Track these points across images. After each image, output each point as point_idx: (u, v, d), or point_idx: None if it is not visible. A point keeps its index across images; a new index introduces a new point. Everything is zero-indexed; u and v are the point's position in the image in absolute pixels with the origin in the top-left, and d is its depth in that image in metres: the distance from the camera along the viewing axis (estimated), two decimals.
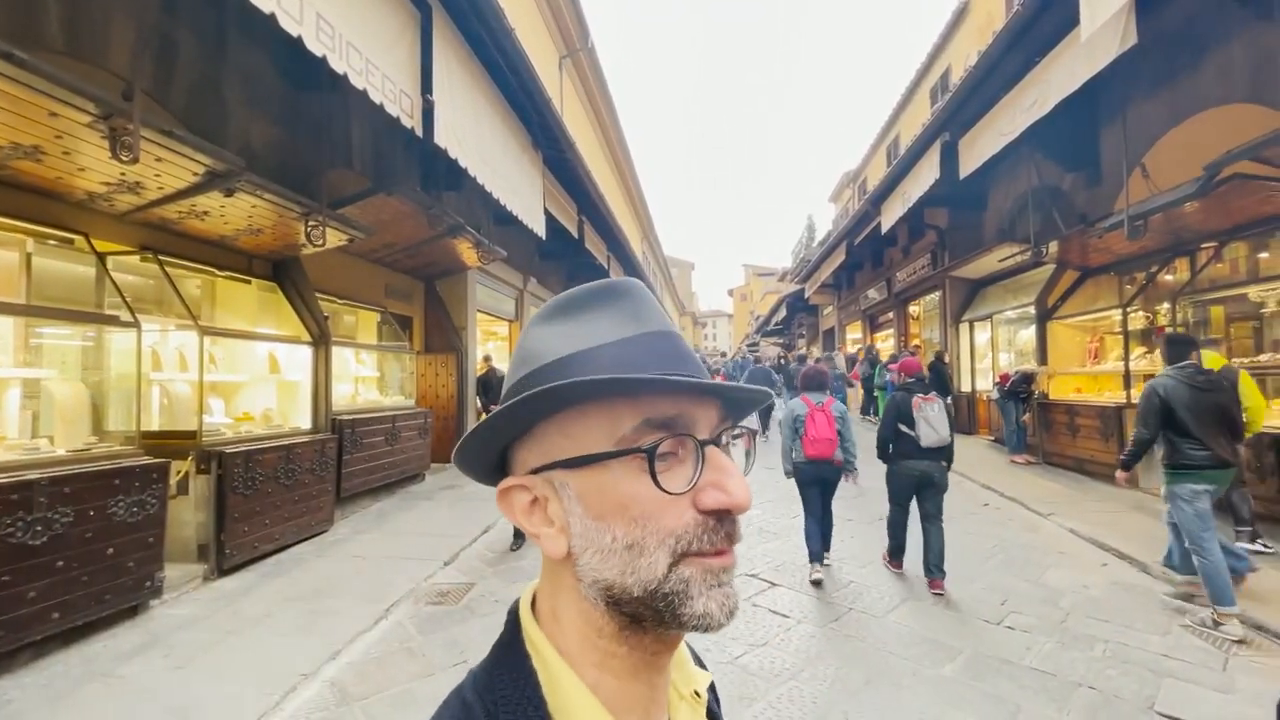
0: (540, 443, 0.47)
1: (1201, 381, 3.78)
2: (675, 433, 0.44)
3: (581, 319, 0.48)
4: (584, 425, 0.44)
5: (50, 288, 3.96)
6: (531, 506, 0.47)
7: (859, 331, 19.10)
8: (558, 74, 15.36)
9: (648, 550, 0.42)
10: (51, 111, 2.89)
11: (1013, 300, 9.82)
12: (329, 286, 6.74)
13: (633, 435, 0.43)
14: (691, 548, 0.43)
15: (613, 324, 0.48)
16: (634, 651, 0.45)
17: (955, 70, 13.43)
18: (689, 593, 0.42)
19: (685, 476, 0.43)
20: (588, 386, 0.42)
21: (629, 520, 0.43)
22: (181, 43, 4.51)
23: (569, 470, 0.45)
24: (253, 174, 4.05)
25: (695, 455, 0.44)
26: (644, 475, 0.42)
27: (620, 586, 0.43)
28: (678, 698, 0.52)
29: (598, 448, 0.44)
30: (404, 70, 4.36)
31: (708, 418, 0.46)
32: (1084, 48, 5.13)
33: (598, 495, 0.44)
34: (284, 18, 3.16)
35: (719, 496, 0.43)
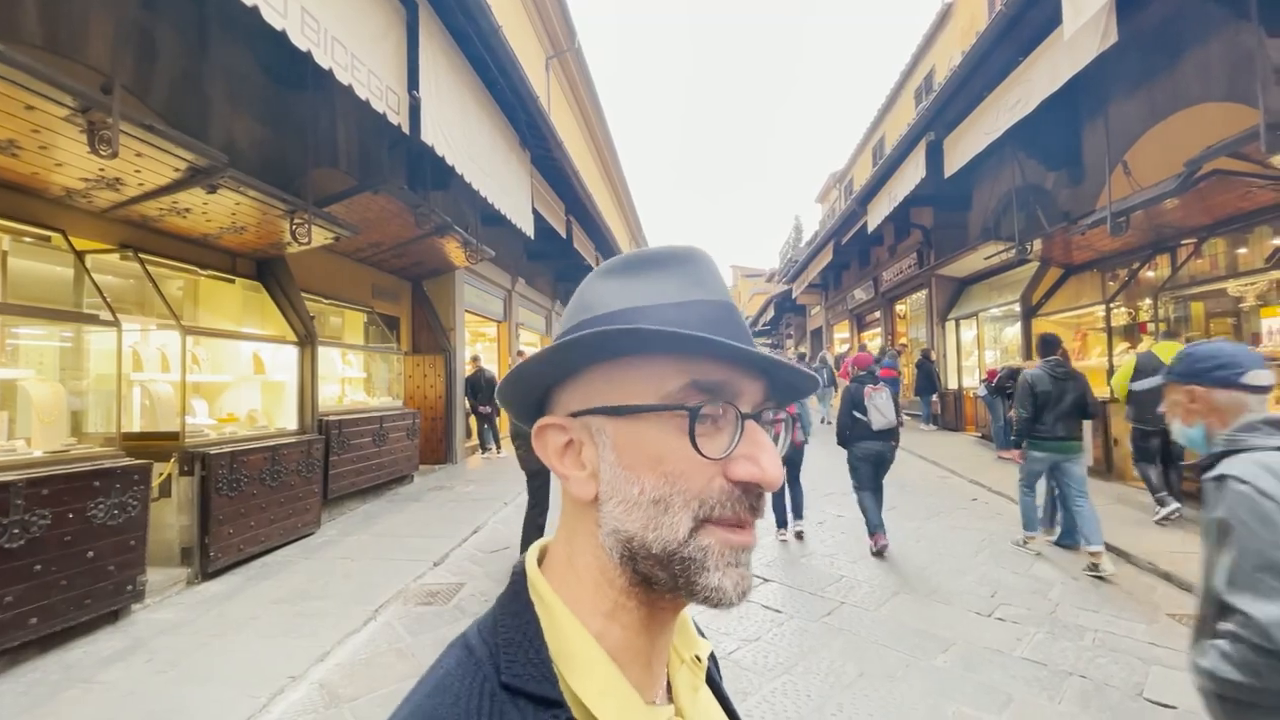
0: (584, 387, 0.47)
1: (1060, 373, 4.63)
2: (720, 399, 0.44)
3: (643, 277, 0.48)
4: (631, 376, 0.45)
5: (27, 286, 3.88)
6: (565, 448, 0.47)
7: (846, 331, 19.23)
8: (544, 74, 15.32)
9: (673, 508, 0.42)
10: (27, 104, 2.83)
11: (998, 298, 9.93)
12: (315, 286, 6.66)
13: (678, 394, 0.44)
14: (714, 513, 0.43)
15: (674, 286, 0.47)
16: (641, 606, 0.45)
17: (939, 71, 13.57)
18: (705, 563, 0.42)
19: (722, 444, 0.43)
20: (645, 336, 0.42)
21: (660, 475, 0.43)
22: (162, 37, 4.44)
23: (609, 417, 0.45)
24: (236, 170, 3.99)
25: (735, 425, 0.44)
26: (682, 434, 0.43)
27: (640, 541, 0.43)
28: (678, 660, 0.52)
29: (642, 400, 0.44)
30: (390, 66, 4.32)
31: (752, 393, 0.46)
32: (1066, 47, 5.19)
33: (633, 446, 0.44)
34: (268, 11, 3.11)
35: (751, 469, 0.43)
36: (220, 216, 4.54)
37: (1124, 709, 2.75)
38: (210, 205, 4.29)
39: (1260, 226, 5.87)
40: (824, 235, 15.98)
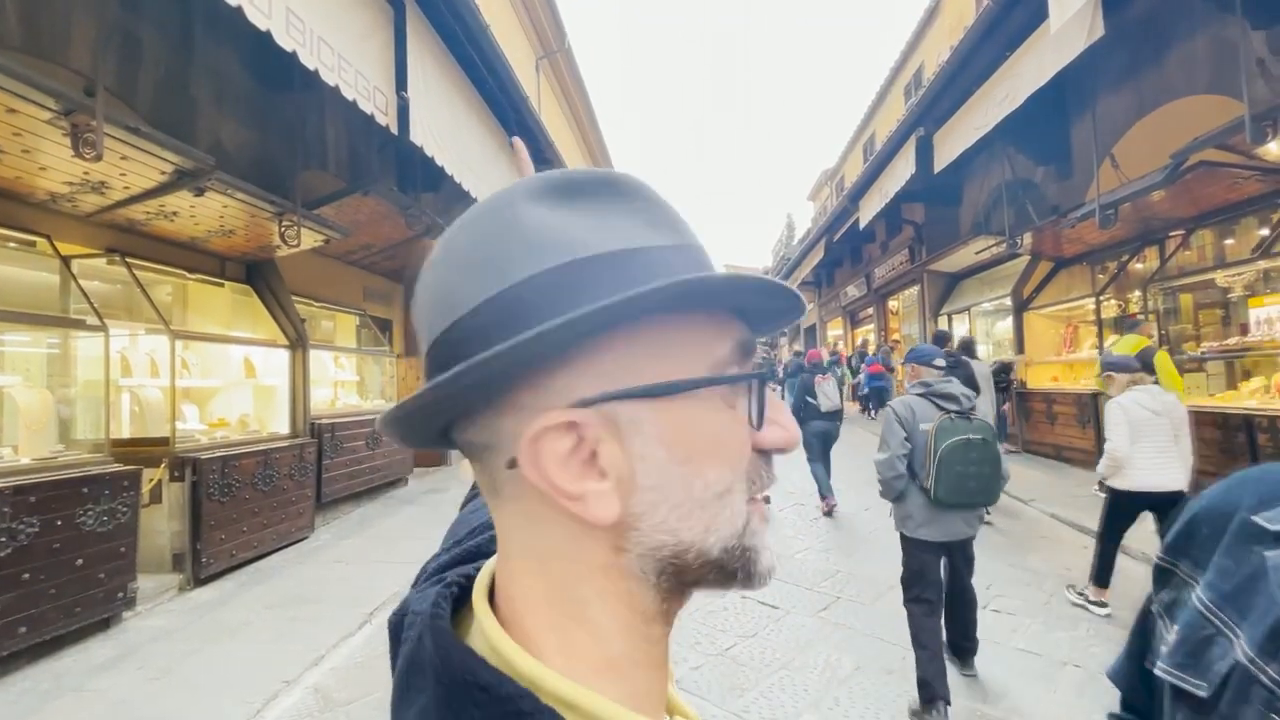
0: (594, 364, 0.33)
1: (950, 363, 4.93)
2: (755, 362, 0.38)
3: (598, 207, 0.35)
4: (673, 342, 0.34)
5: (12, 292, 3.83)
6: (574, 452, 0.32)
7: (840, 328, 19.30)
8: (535, 75, 15.30)
9: (735, 496, 0.35)
10: (9, 108, 2.80)
11: (990, 292, 9.97)
12: (306, 289, 6.62)
13: (730, 360, 0.36)
14: (755, 487, 0.37)
15: (647, 225, 0.35)
16: (666, 629, 0.37)
17: (928, 67, 13.63)
18: (760, 545, 0.36)
19: (755, 412, 0.37)
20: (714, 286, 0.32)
21: (722, 460, 0.35)
22: (146, 39, 4.40)
23: (647, 401, 0.33)
24: (223, 173, 3.96)
25: (760, 390, 0.37)
26: (729, 408, 0.35)
27: (699, 549, 0.34)
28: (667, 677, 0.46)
29: (692, 372, 0.34)
30: (377, 66, 4.29)
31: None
32: (1053, 41, 5.21)
33: (689, 432, 0.34)
34: (252, 11, 3.08)
35: (781, 434, 0.37)
36: (208, 219, 4.51)
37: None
38: (198, 208, 4.25)
39: (1247, 217, 5.92)
40: (816, 233, 16.02)
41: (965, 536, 2.92)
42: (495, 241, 0.34)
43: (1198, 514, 0.59)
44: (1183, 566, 0.58)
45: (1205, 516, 0.58)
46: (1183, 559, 0.59)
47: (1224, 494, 0.57)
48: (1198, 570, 0.56)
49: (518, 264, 0.32)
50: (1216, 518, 0.56)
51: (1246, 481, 0.56)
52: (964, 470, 2.73)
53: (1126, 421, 3.56)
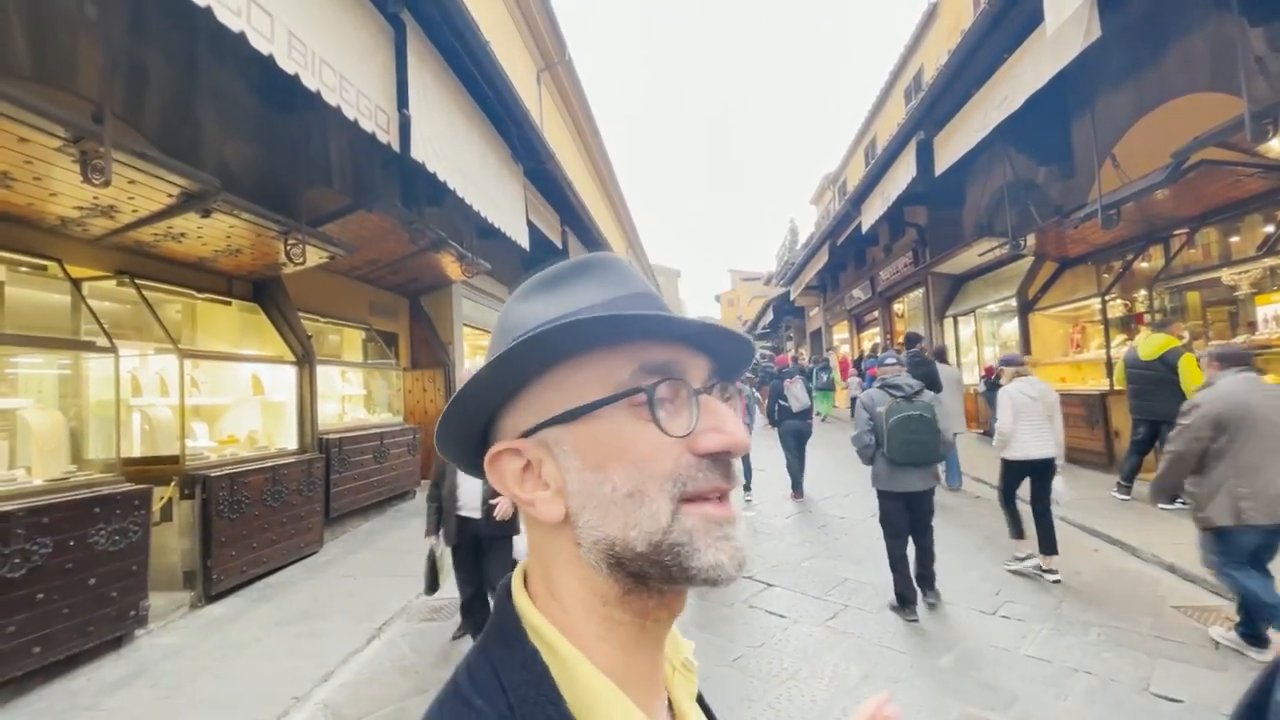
0: (531, 404, 0.45)
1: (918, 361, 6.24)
2: (671, 377, 0.43)
3: (565, 289, 0.47)
4: (579, 378, 0.43)
5: (25, 315, 3.90)
6: (524, 473, 0.45)
7: (845, 332, 19.23)
8: (536, 87, 15.42)
9: (649, 497, 0.41)
10: (21, 137, 2.86)
11: (994, 294, 9.93)
12: (312, 305, 6.68)
13: (630, 381, 0.42)
14: (689, 488, 0.41)
15: (596, 289, 0.46)
16: (637, 618, 0.43)
17: (928, 70, 13.64)
18: (694, 544, 0.41)
19: (684, 422, 0.42)
20: (583, 326, 0.41)
21: (628, 465, 0.41)
22: (151, 65, 4.48)
23: (564, 425, 0.43)
24: (229, 194, 4.02)
25: (691, 401, 0.43)
26: (642, 420, 0.42)
27: (623, 542, 0.41)
28: (671, 669, 0.51)
29: (594, 397, 0.42)
30: (378, 85, 4.35)
31: (699, 369, 0.46)
32: (1050, 43, 5.22)
33: (595, 445, 0.42)
34: (254, 36, 3.14)
35: (719, 438, 0.43)
36: (215, 240, 4.57)
37: (1131, 704, 2.74)
38: (205, 229, 4.32)
39: (1251, 215, 5.88)
40: (819, 237, 16.02)
41: (921, 489, 3.85)
42: (494, 335, 0.49)
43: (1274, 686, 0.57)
44: None
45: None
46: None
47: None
48: None
49: (498, 346, 0.46)
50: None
51: None
52: (908, 438, 3.74)
53: (1011, 405, 4.35)
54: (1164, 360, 5.36)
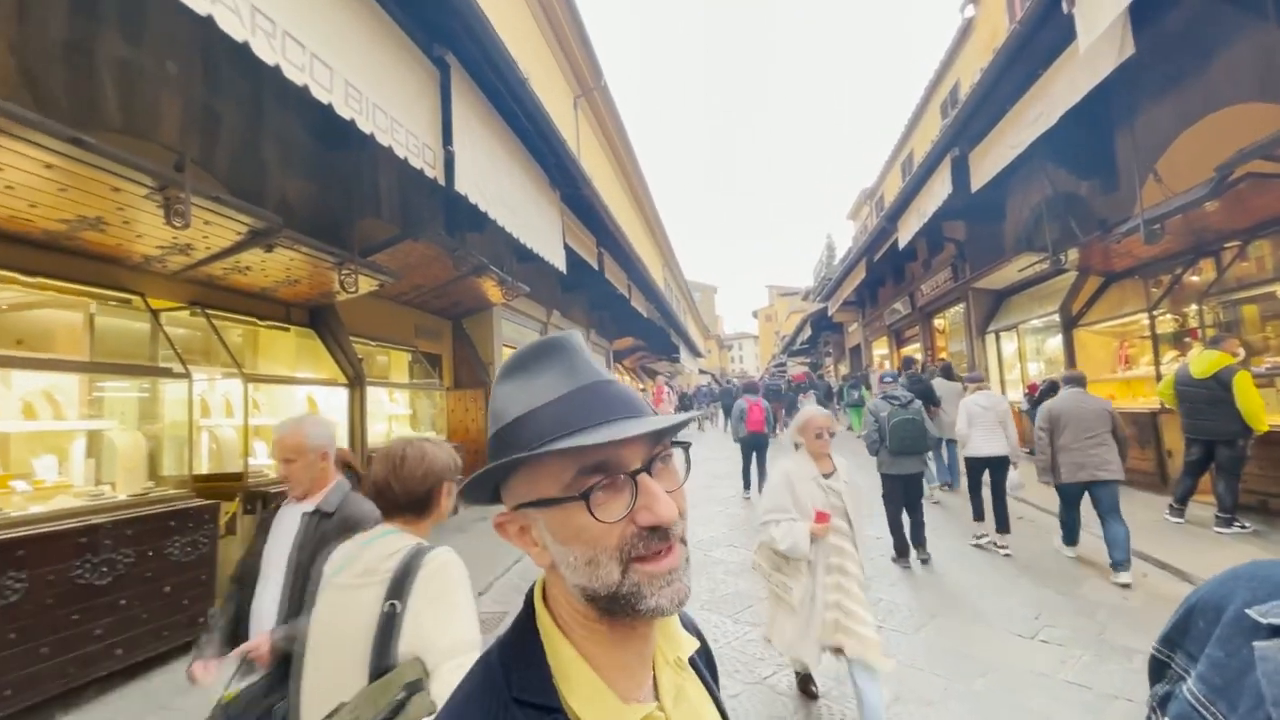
0: (514, 488, 0.61)
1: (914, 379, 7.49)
2: (608, 473, 0.55)
3: (529, 375, 0.62)
4: (538, 476, 0.58)
5: (111, 344, 4.29)
6: (521, 532, 0.61)
7: (885, 347, 18.93)
8: (573, 113, 15.89)
9: (602, 564, 0.55)
10: (114, 187, 3.20)
11: (1038, 309, 9.71)
12: (362, 330, 7.05)
13: (573, 481, 0.56)
14: (633, 554, 0.55)
15: (552, 381, 0.60)
16: (614, 628, 0.58)
17: (964, 85, 13.52)
18: (641, 593, 0.54)
19: (621, 506, 0.55)
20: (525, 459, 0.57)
21: (583, 543, 0.55)
22: (224, 113, 4.90)
23: (536, 509, 0.58)
24: (290, 230, 4.34)
25: (630, 486, 0.56)
26: (585, 512, 0.55)
27: (589, 589, 0.55)
28: (664, 662, 0.63)
29: (551, 493, 0.57)
30: (425, 125, 4.65)
31: (635, 451, 0.57)
32: (1084, 60, 5.20)
33: (559, 527, 0.57)
34: (316, 88, 3.44)
35: (649, 516, 0.55)
36: (276, 271, 4.92)
37: None
38: (268, 262, 4.66)
39: None
40: (856, 253, 15.91)
41: (912, 472, 5.20)
42: (489, 409, 0.65)
43: (1193, 607, 0.59)
44: (1177, 659, 0.59)
45: (1200, 609, 0.58)
46: (1177, 651, 0.59)
47: (1219, 587, 0.57)
48: (1191, 663, 0.56)
49: (490, 428, 0.63)
50: (1211, 611, 0.56)
51: (1240, 576, 0.57)
52: (903, 434, 5.14)
53: (965, 413, 5.67)
54: (1218, 379, 5.16)
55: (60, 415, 3.93)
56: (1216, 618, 0.55)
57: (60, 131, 2.78)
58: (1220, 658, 0.52)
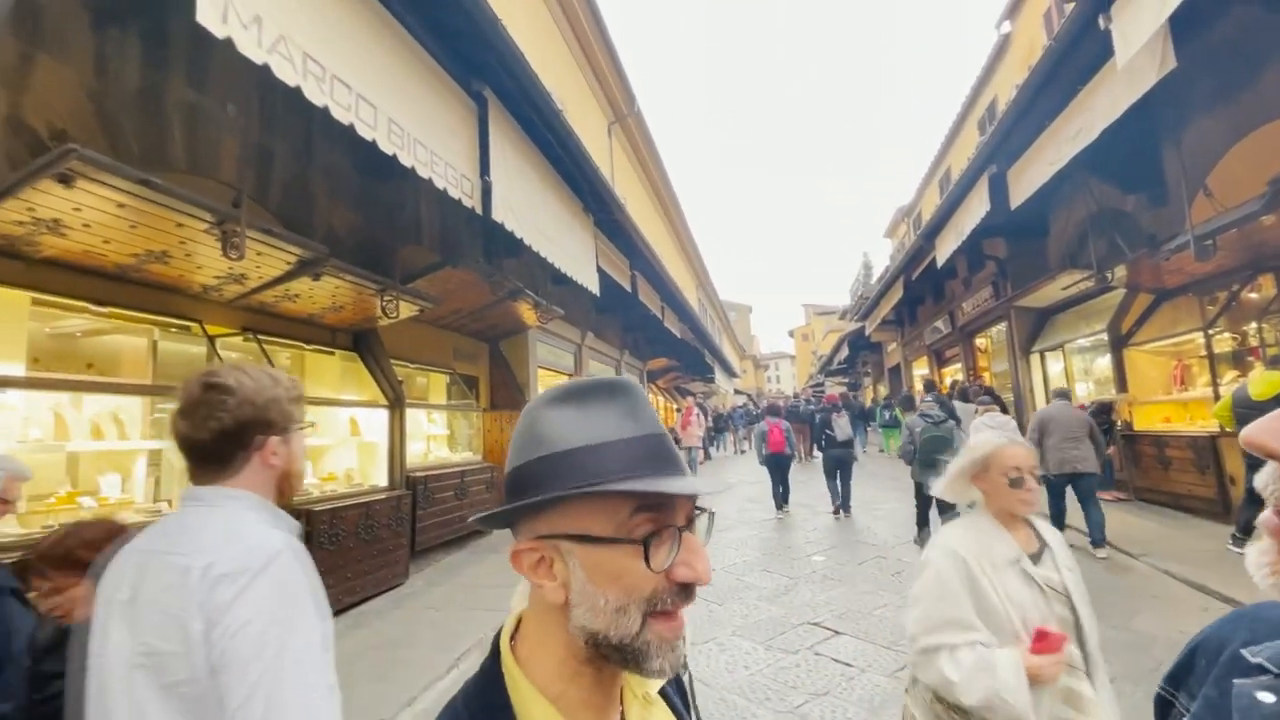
0: (550, 517, 0.58)
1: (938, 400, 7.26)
2: (661, 521, 0.56)
3: (589, 410, 0.59)
4: (590, 509, 0.56)
5: (170, 368, 4.55)
6: (538, 564, 0.58)
7: (925, 367, 18.49)
8: (607, 139, 16.22)
9: (629, 612, 0.55)
10: (178, 223, 3.44)
11: (1085, 327, 9.38)
12: (402, 353, 7.28)
13: (630, 521, 0.55)
14: (658, 606, 0.55)
15: (616, 421, 0.58)
16: (596, 672, 0.59)
17: (1001, 101, 13.31)
18: (650, 652, 0.55)
19: (665, 555, 0.55)
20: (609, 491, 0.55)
21: (621, 589, 0.55)
22: (277, 150, 5.21)
23: (576, 543, 0.56)
24: (335, 259, 4.57)
25: (674, 538, 0.56)
26: (636, 556, 0.55)
27: (603, 635, 0.55)
28: (632, 697, 0.65)
29: (603, 531, 0.55)
30: (464, 157, 4.84)
31: (684, 506, 0.59)
32: (1123, 75, 5.09)
33: (598, 567, 0.55)
34: (361, 126, 3.64)
35: (688, 573, 0.56)
36: (322, 298, 5.16)
37: None
38: (315, 290, 4.90)
39: None
40: (893, 271, 15.67)
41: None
42: (522, 433, 0.61)
43: (1196, 647, 0.60)
44: (1180, 698, 0.60)
45: (1202, 650, 0.59)
46: (1180, 690, 0.60)
47: (1221, 628, 0.59)
48: (1192, 702, 0.57)
49: (525, 452, 0.60)
50: (1212, 651, 0.57)
51: (1244, 617, 0.58)
52: (932, 448, 5.90)
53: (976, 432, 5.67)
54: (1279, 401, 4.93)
55: (125, 435, 4.18)
56: (1216, 658, 0.56)
57: (132, 174, 3.02)
58: (1214, 697, 0.53)
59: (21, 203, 3.02)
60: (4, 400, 3.41)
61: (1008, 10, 13.48)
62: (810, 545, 6.74)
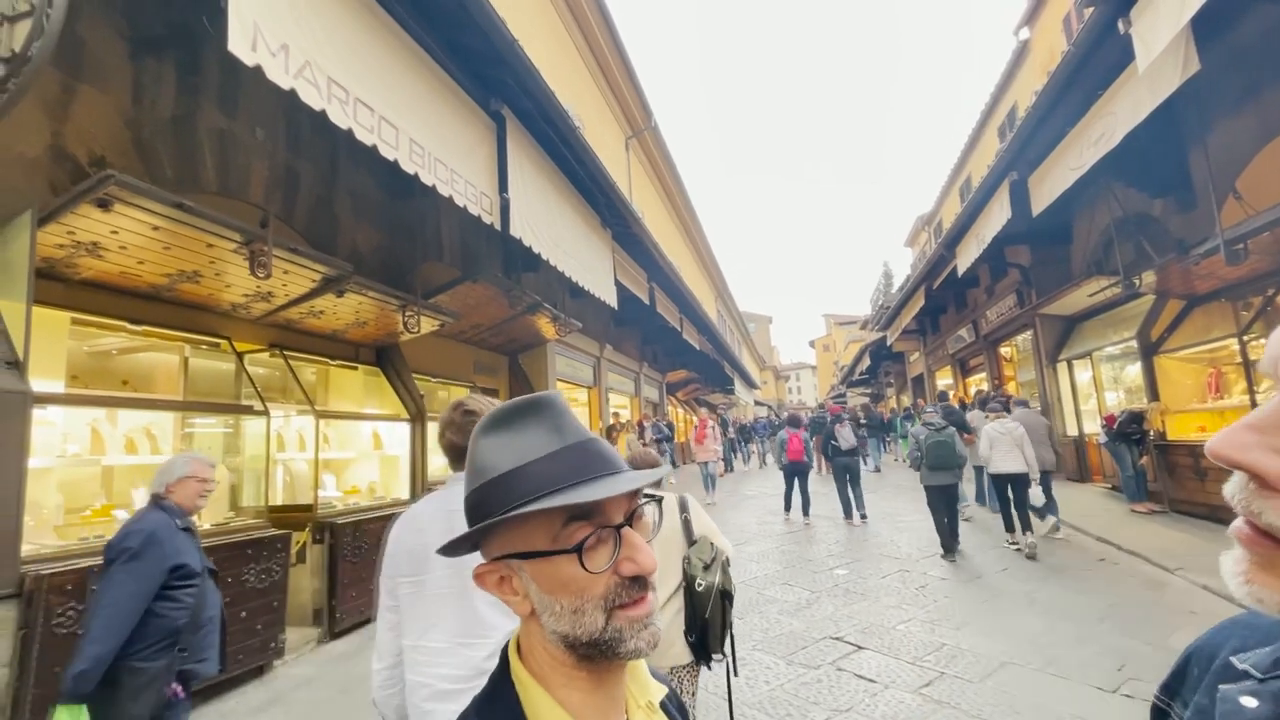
0: (498, 540, 0.63)
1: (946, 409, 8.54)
2: (595, 524, 0.59)
3: (515, 431, 0.63)
4: (528, 528, 0.60)
5: (201, 384, 4.68)
6: (500, 582, 0.63)
7: (949, 377, 18.19)
8: (625, 154, 16.38)
9: (587, 612, 0.58)
10: (209, 243, 3.56)
11: (1113, 335, 9.17)
12: (424, 367, 7.39)
13: (564, 531, 0.59)
14: (616, 602, 0.58)
15: (540, 439, 0.62)
16: (591, 673, 0.61)
17: (1021, 107, 13.16)
18: (622, 637, 0.58)
19: (606, 556, 0.59)
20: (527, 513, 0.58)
21: (570, 593, 0.58)
22: (302, 171, 5.36)
23: (522, 560, 0.60)
24: (358, 275, 4.68)
25: (613, 538, 0.59)
26: (576, 563, 0.58)
27: (572, 636, 0.58)
28: (635, 706, 0.66)
29: (541, 546, 0.59)
30: (482, 174, 4.94)
31: (619, 503, 0.61)
32: (1145, 78, 5.02)
33: (545, 577, 0.59)
34: (384, 147, 3.74)
35: (632, 567, 0.59)
36: (346, 315, 5.27)
37: None
38: (339, 306, 5.01)
39: None
40: (914, 280, 15.50)
41: (946, 483, 6.47)
42: (468, 463, 0.65)
43: (1190, 655, 0.61)
44: (1175, 707, 0.60)
45: (1196, 658, 0.60)
46: (1175, 699, 0.61)
47: (1214, 636, 0.59)
48: (1186, 710, 0.57)
49: (470, 481, 0.64)
50: (1205, 659, 0.58)
51: (1237, 624, 0.58)
52: (936, 454, 6.47)
53: (987, 437, 6.64)
54: None
55: (157, 450, 4.30)
56: (1209, 666, 0.56)
57: (167, 197, 3.14)
58: (1205, 704, 0.53)
59: (62, 227, 3.16)
60: (45, 416, 3.53)
61: (1026, 16, 13.37)
62: (832, 558, 6.65)
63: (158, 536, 2.27)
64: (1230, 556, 0.44)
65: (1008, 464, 6.42)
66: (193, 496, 2.49)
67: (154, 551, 2.24)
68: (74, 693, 2.00)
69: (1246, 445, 0.42)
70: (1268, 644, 0.51)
